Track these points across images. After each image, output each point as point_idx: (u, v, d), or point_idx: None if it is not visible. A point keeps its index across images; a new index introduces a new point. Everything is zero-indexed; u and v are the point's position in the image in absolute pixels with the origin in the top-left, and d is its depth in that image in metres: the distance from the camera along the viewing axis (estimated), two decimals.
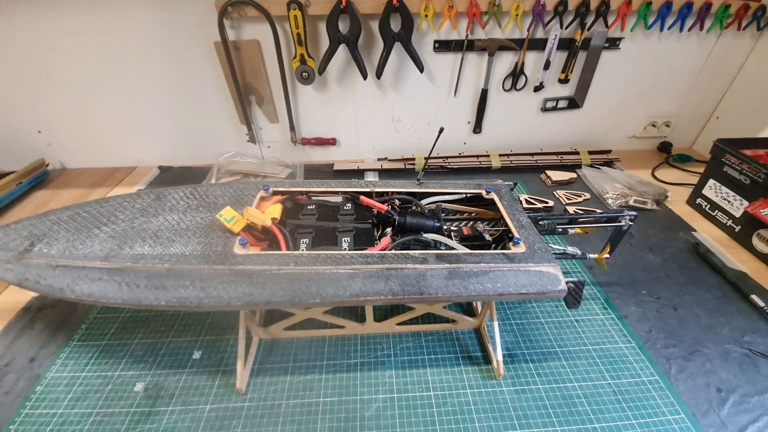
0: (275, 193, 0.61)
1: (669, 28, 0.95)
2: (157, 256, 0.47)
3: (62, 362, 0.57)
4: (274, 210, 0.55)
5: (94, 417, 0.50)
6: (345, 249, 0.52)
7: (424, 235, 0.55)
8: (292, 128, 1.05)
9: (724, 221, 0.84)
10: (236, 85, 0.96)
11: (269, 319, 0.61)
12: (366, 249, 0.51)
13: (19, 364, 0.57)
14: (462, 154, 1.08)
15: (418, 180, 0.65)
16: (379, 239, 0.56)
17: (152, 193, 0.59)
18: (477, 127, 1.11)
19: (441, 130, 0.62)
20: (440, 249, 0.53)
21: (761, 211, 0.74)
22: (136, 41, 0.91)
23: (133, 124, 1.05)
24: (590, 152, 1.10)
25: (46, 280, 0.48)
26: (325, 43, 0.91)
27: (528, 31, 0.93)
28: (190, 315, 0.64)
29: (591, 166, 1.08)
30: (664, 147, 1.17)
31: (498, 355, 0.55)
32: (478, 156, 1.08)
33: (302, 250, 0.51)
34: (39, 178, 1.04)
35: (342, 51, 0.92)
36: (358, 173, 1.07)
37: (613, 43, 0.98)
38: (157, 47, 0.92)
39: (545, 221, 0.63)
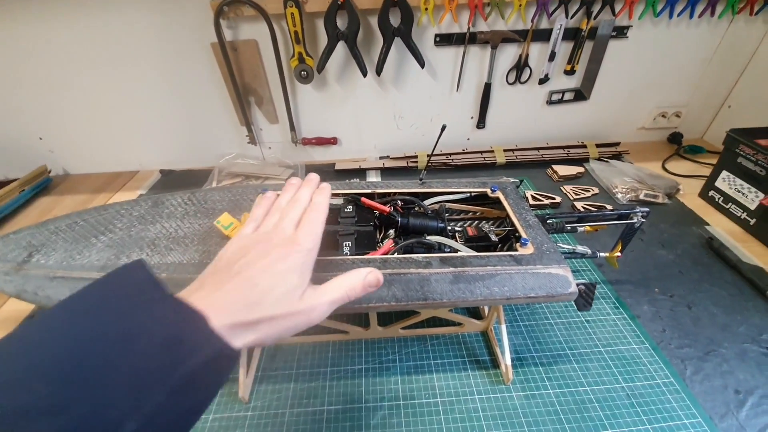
0: None
1: (679, 15, 0.92)
2: (155, 266, 0.46)
3: None
4: None
5: None
6: (346, 254, 0.50)
7: (428, 237, 0.53)
8: (292, 128, 1.04)
9: (739, 214, 0.81)
10: (235, 86, 0.94)
11: None
12: (368, 253, 0.50)
13: None
14: (465, 151, 1.06)
15: (421, 179, 0.64)
16: (382, 242, 0.55)
17: (150, 199, 0.58)
18: (480, 123, 1.08)
19: (443, 128, 0.60)
20: (444, 251, 0.51)
21: None
22: (134, 44, 0.90)
23: (134, 129, 1.04)
24: (598, 145, 1.07)
25: (45, 291, 0.47)
26: (323, 40, 0.89)
27: (532, 21, 0.90)
28: None
29: (599, 159, 1.05)
30: (675, 138, 1.13)
31: (506, 359, 0.53)
32: (482, 152, 1.05)
33: None
34: (42, 184, 1.04)
35: (341, 48, 0.90)
36: (360, 172, 1.05)
37: (621, 32, 0.95)
38: (154, 50, 0.91)
39: (553, 220, 0.61)
